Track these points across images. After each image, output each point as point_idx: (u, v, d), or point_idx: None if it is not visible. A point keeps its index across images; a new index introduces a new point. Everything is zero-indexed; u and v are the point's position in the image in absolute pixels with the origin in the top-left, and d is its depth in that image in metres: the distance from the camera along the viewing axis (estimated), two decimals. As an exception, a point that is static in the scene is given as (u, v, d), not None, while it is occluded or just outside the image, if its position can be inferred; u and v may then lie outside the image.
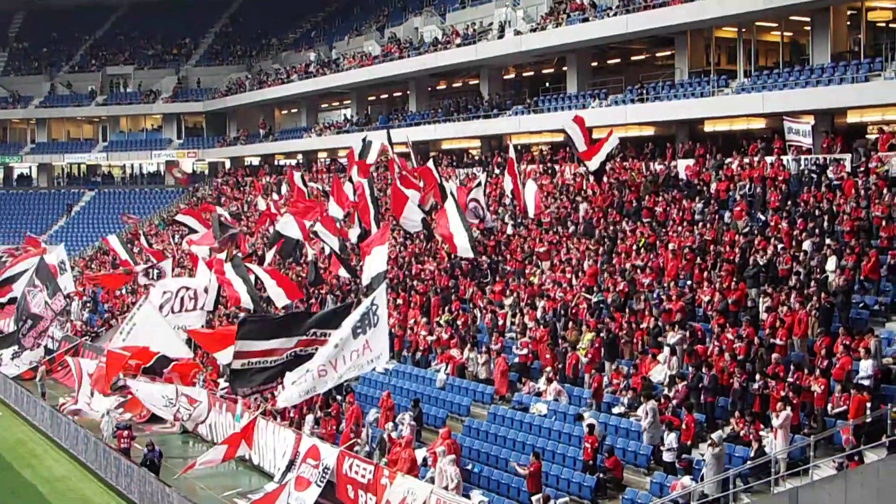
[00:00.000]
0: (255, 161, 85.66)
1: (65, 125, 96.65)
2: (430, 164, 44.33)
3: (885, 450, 21.13)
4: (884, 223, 29.15)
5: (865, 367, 23.14)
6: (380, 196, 47.16)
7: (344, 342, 26.57)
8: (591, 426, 25.53)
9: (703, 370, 25.67)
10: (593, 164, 39.32)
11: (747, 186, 35.24)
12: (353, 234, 43.15)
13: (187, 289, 41.77)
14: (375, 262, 36.94)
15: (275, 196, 61.10)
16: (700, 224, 34.18)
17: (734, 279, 29.23)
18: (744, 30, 44.18)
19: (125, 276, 55.78)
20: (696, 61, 46.40)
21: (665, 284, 31.04)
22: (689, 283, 30.85)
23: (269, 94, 79.45)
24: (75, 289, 55.75)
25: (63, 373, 48.70)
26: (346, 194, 45.65)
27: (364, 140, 49.65)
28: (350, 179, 47.20)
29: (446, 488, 24.75)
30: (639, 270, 32.64)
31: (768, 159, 36.74)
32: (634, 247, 34.72)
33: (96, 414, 38.41)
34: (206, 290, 41.98)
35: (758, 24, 43.68)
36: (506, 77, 61.40)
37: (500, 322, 34.38)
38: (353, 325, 26.62)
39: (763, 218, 32.60)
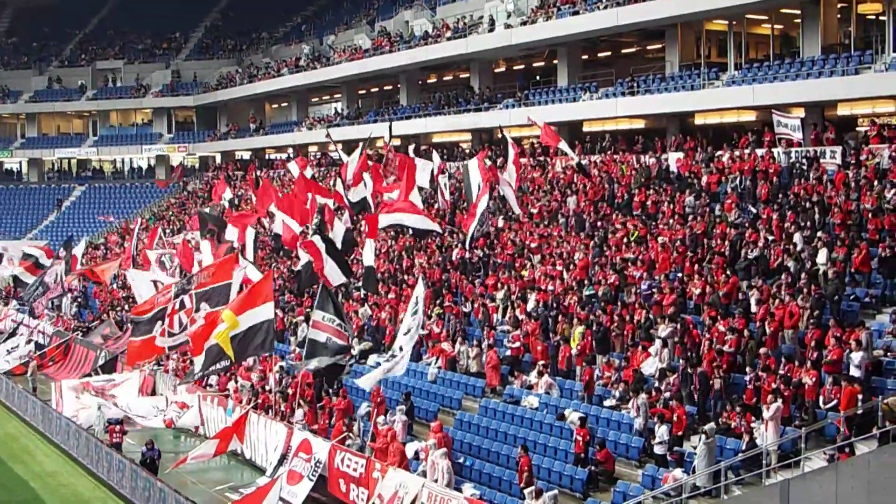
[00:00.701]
0: (246, 155, 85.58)
1: (55, 120, 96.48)
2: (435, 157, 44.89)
3: (875, 441, 21.20)
4: (872, 215, 29.17)
5: (856, 359, 23.19)
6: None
7: (416, 327, 28.36)
8: (582, 419, 25.58)
9: (693, 363, 25.67)
10: (564, 148, 39.65)
11: (738, 179, 35.27)
12: (339, 230, 42.72)
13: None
14: (365, 256, 37.24)
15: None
16: (691, 217, 34.20)
17: (726, 272, 29.26)
18: (734, 22, 44.23)
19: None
20: (687, 54, 46.47)
21: (656, 277, 31.05)
22: (679, 275, 30.86)
23: (259, 88, 79.34)
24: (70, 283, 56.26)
25: (54, 368, 48.66)
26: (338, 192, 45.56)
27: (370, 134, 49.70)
28: (341, 176, 47.01)
29: (437, 481, 24.78)
30: (630, 263, 32.65)
31: (759, 152, 36.78)
32: (625, 240, 34.71)
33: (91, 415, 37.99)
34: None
35: (748, 16, 43.76)
36: (496, 70, 61.38)
37: (492, 315, 34.37)
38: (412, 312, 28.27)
39: (754, 210, 32.60)
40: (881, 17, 39.16)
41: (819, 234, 29.08)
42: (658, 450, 24.23)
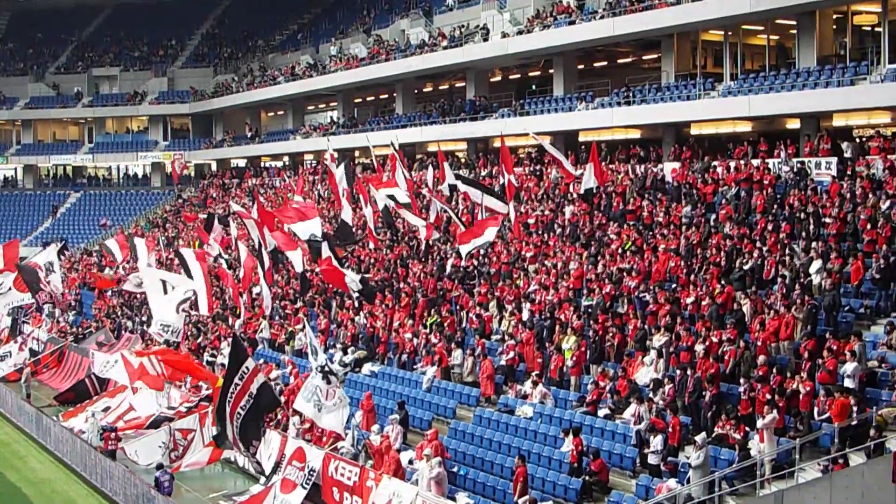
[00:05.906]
0: (242, 163, 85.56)
1: (50, 126, 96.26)
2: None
3: (870, 453, 21.20)
4: (869, 226, 29.20)
5: (850, 369, 23.20)
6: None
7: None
8: (576, 429, 25.57)
9: (688, 373, 25.67)
10: (586, 182, 39.02)
11: (733, 190, 35.31)
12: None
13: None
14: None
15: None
16: (685, 227, 34.22)
17: (720, 282, 29.26)
18: (730, 33, 44.26)
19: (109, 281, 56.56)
20: (683, 64, 46.49)
21: (651, 287, 31.05)
22: (674, 286, 30.87)
23: (255, 96, 79.27)
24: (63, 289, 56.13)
25: (48, 374, 48.59)
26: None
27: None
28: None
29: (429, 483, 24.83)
30: (625, 273, 32.65)
31: (754, 162, 36.82)
32: (620, 249, 34.72)
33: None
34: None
35: (744, 27, 43.78)
36: (492, 80, 61.41)
37: (487, 325, 34.34)
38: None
39: (745, 230, 32.45)
40: (877, 28, 39.22)
41: (814, 244, 29.11)
42: (652, 460, 24.21)
